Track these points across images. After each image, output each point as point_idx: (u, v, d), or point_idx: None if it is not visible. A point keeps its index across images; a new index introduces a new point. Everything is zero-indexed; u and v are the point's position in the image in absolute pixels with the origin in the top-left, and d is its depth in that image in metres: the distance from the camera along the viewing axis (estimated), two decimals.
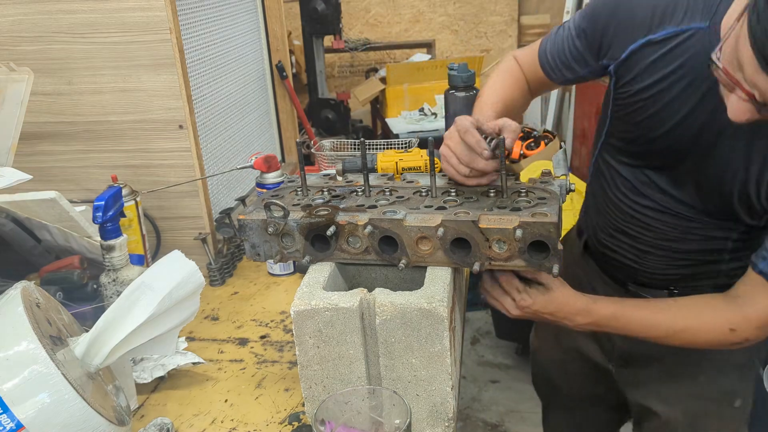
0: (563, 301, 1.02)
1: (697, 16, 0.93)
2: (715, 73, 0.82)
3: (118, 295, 0.85)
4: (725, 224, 1.03)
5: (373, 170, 1.15)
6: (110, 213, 1.08)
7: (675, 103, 0.98)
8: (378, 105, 3.60)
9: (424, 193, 1.02)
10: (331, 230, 0.93)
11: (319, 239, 0.95)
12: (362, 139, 1.04)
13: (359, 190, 1.04)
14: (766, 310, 0.95)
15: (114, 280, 1.10)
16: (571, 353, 1.36)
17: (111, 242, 1.09)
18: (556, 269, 0.88)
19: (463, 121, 0.98)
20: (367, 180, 1.02)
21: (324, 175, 1.14)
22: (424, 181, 1.07)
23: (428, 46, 4.10)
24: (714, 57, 0.81)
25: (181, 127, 1.35)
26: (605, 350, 1.29)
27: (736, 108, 0.81)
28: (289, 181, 1.13)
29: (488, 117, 1.05)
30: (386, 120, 3.23)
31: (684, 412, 1.19)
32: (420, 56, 3.92)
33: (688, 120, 0.97)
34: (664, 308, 1.03)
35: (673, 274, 1.12)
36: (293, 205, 1.00)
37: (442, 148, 1.01)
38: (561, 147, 3.08)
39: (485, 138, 0.96)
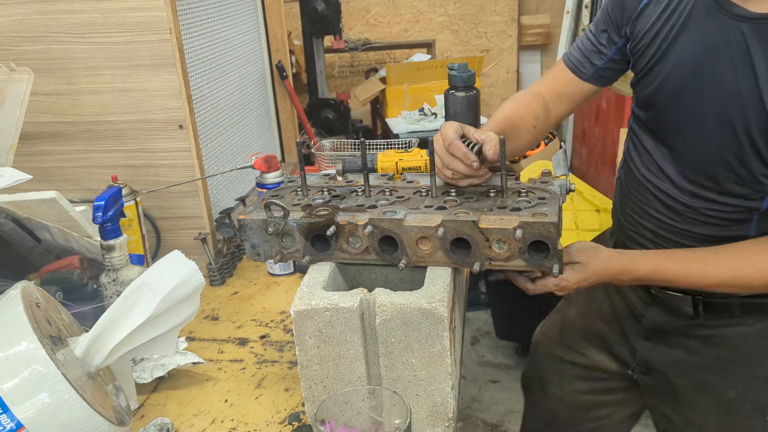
0: (599, 271, 1.05)
1: None
2: None
3: (118, 295, 0.85)
4: (745, 204, 1.02)
5: (373, 170, 1.15)
6: (110, 213, 1.08)
7: (674, 45, 1.02)
8: (378, 105, 3.60)
9: (424, 193, 1.02)
10: (331, 230, 0.92)
11: (319, 239, 0.95)
12: (362, 139, 1.04)
13: (359, 190, 1.04)
14: None
15: (114, 280, 1.10)
16: (570, 354, 1.37)
17: (111, 242, 1.09)
18: (556, 269, 0.88)
19: (447, 131, 0.98)
20: (367, 180, 1.02)
21: (324, 175, 1.14)
22: (424, 181, 1.07)
23: (428, 46, 4.09)
24: None
25: (181, 127, 1.35)
26: (621, 359, 1.30)
27: None
28: (289, 181, 1.13)
29: (484, 128, 1.09)
30: (386, 120, 3.23)
31: (717, 425, 1.19)
32: (420, 56, 3.92)
33: (687, 52, 1.00)
34: (709, 257, 1.03)
35: None
36: (293, 205, 1.00)
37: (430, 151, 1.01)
38: (561, 147, 3.08)
39: (468, 144, 0.97)
